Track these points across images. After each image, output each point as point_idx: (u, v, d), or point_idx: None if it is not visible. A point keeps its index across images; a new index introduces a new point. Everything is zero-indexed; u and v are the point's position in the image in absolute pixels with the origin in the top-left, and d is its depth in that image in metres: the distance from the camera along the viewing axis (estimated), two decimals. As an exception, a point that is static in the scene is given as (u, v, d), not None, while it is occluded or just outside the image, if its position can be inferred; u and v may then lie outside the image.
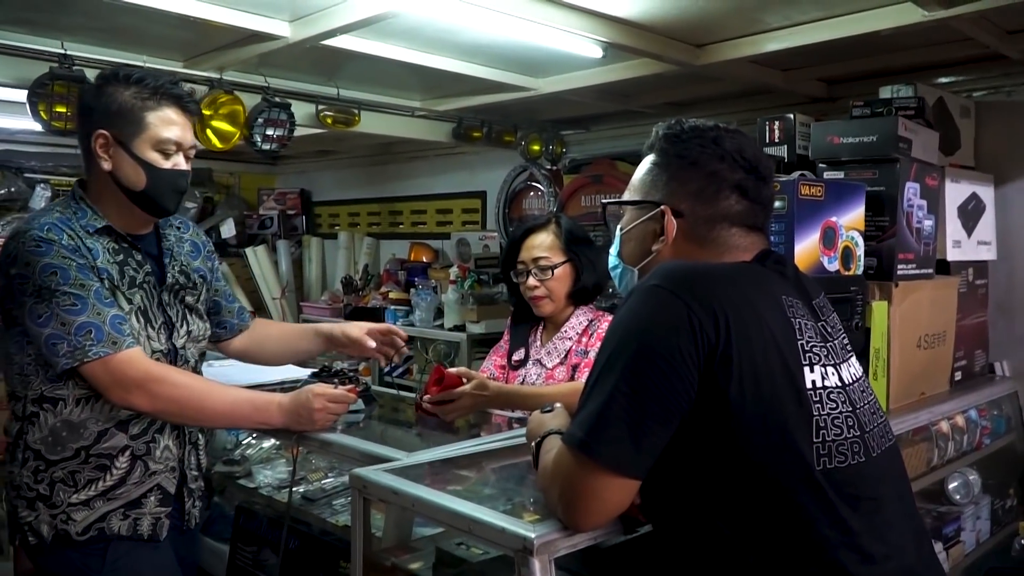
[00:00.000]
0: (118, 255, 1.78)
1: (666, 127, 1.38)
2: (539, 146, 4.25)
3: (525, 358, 2.41)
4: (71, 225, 1.72)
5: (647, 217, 1.35)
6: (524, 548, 1.19)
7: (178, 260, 1.93)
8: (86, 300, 1.65)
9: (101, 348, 1.63)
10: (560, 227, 2.39)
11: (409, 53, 2.86)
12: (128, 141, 1.73)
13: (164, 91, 1.75)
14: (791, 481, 1.12)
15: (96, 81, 1.80)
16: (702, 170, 1.31)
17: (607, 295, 4.00)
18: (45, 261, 1.64)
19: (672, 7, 2.36)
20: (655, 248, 1.34)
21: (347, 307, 5.11)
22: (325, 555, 1.96)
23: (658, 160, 1.36)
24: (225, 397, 1.79)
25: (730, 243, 1.31)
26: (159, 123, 1.74)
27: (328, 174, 5.96)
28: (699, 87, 3.32)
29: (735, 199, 1.30)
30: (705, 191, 1.30)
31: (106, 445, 1.74)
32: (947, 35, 2.50)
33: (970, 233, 2.59)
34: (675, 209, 1.31)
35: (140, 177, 1.74)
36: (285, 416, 1.82)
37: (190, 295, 1.94)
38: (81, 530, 1.73)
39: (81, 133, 1.78)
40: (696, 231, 1.31)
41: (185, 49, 2.93)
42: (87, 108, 1.78)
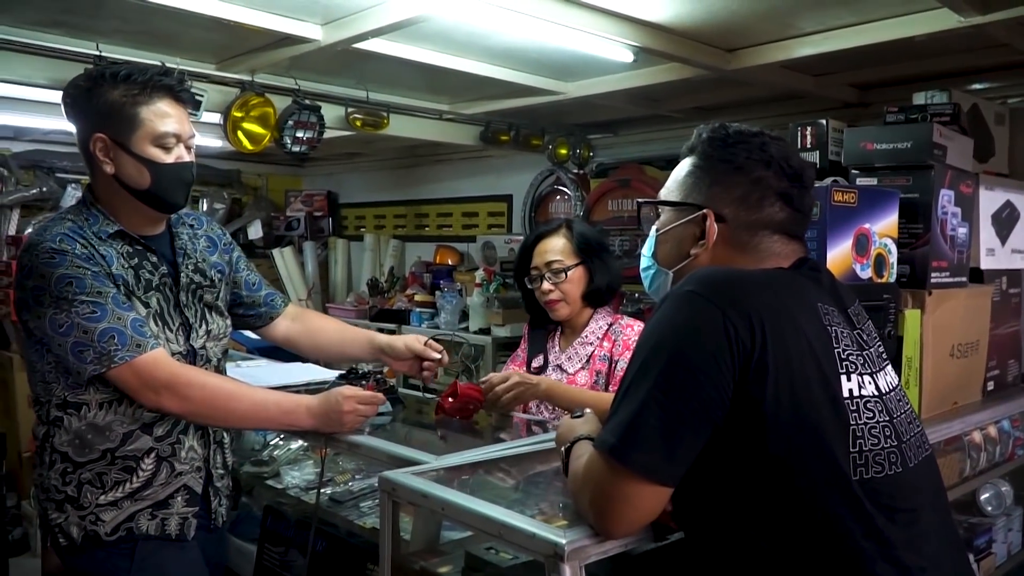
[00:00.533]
0: (132, 259, 1.76)
1: (710, 130, 1.36)
2: (566, 150, 4.25)
3: (544, 364, 2.41)
4: (83, 233, 1.70)
5: (687, 220, 1.33)
6: (555, 554, 1.19)
7: (193, 258, 1.90)
8: (105, 307, 1.64)
9: (127, 352, 1.63)
10: (572, 231, 2.39)
11: (439, 56, 2.87)
12: (126, 141, 1.68)
13: (154, 84, 1.69)
14: (827, 491, 1.11)
15: (84, 83, 1.73)
16: (747, 176, 1.29)
17: (633, 299, 4.00)
18: (60, 272, 1.63)
19: (703, 11, 2.36)
20: (693, 252, 1.32)
21: (372, 309, 5.13)
22: (352, 557, 1.97)
23: (700, 163, 1.34)
24: (253, 399, 1.79)
25: (771, 250, 1.30)
26: (154, 117, 1.68)
27: (355, 176, 6.00)
28: (729, 92, 3.31)
29: (779, 207, 1.29)
30: (749, 197, 1.29)
31: (131, 447, 1.74)
32: (982, 41, 2.47)
33: (1004, 241, 2.55)
34: (718, 213, 1.29)
35: (144, 176, 1.70)
36: (314, 419, 1.81)
37: (208, 293, 1.92)
38: (110, 530, 1.74)
39: (79, 139, 1.74)
40: (737, 237, 1.30)
41: (218, 52, 2.97)
42: (80, 113, 1.73)
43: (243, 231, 5.76)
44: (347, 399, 1.80)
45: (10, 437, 3.93)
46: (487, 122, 4.03)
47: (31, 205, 4.79)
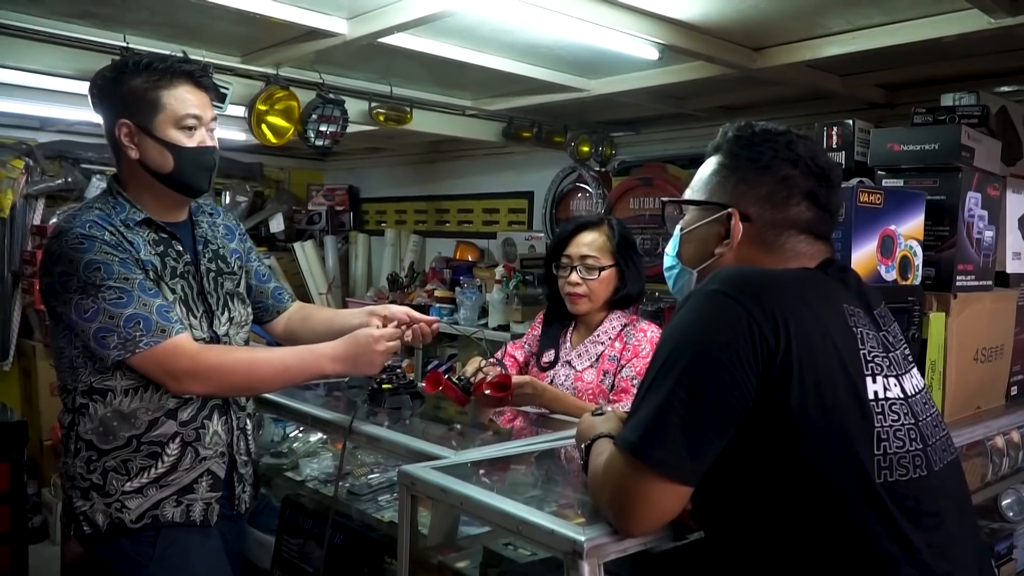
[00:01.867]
0: (159, 246, 1.80)
1: (736, 128, 1.36)
2: (589, 147, 4.24)
3: (555, 360, 2.41)
4: (111, 221, 1.74)
5: (712, 219, 1.33)
6: (574, 551, 1.19)
7: (213, 244, 1.94)
8: (131, 293, 1.67)
9: (151, 338, 1.66)
10: (612, 229, 2.38)
11: (463, 52, 2.87)
12: (149, 125, 1.73)
13: (175, 69, 1.75)
14: (851, 493, 1.10)
15: (108, 73, 1.79)
16: (774, 175, 1.29)
17: (653, 298, 3.98)
18: (88, 258, 1.66)
19: (730, 9, 2.34)
20: (718, 251, 1.32)
21: (392, 303, 5.14)
22: (370, 551, 1.98)
23: (726, 162, 1.34)
24: (272, 363, 1.81)
25: (796, 250, 1.29)
26: (175, 101, 1.74)
27: (376, 171, 6.02)
28: (754, 91, 3.28)
29: (805, 206, 1.28)
30: (775, 196, 1.28)
31: (156, 433, 1.77)
32: (1012, 43, 2.44)
33: (1032, 245, 2.52)
34: (743, 213, 1.29)
35: (167, 159, 1.75)
36: (339, 363, 1.82)
37: (229, 280, 1.95)
38: (135, 518, 1.76)
39: (105, 129, 1.80)
40: (763, 236, 1.29)
41: (243, 45, 2.98)
42: (105, 102, 1.79)
43: (265, 224, 5.79)
44: (377, 340, 1.83)
45: (32, 425, 3.98)
46: (509, 118, 4.03)
47: (56, 195, 4.83)
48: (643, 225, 4.06)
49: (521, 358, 2.49)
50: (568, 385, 2.32)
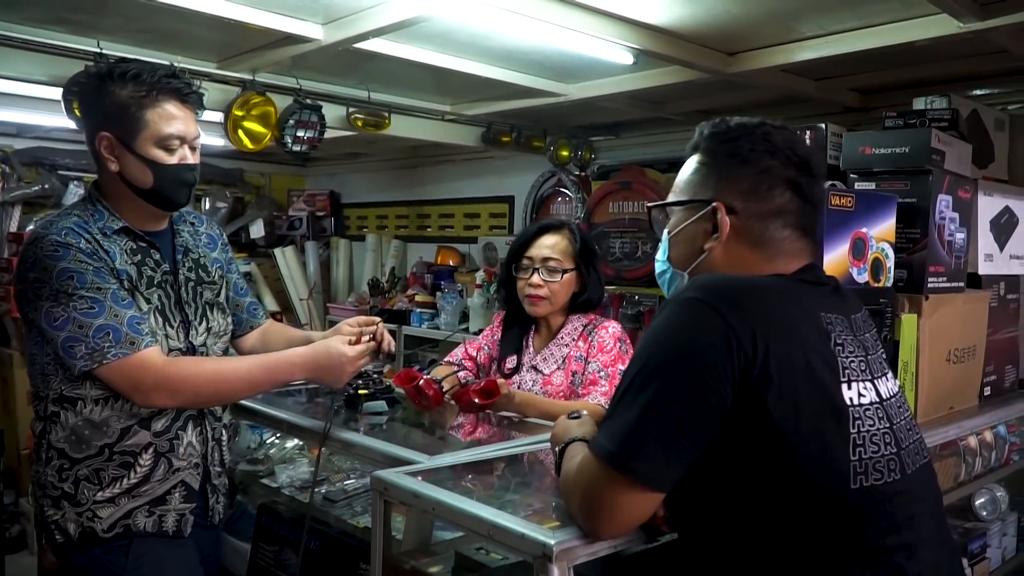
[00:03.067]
0: (136, 255, 1.78)
1: (711, 125, 1.35)
2: (568, 152, 4.25)
3: (518, 366, 2.41)
4: (88, 228, 1.72)
5: (697, 217, 1.31)
6: (544, 555, 1.19)
7: (194, 254, 1.92)
8: (103, 303, 1.65)
9: (120, 349, 1.64)
10: (574, 234, 2.40)
11: (440, 57, 2.87)
12: (130, 141, 1.70)
13: (161, 86, 1.71)
14: (828, 499, 1.11)
15: (92, 79, 1.76)
16: (754, 167, 1.28)
17: (633, 302, 3.99)
18: (62, 265, 1.64)
19: (704, 14, 2.36)
20: (707, 247, 1.30)
21: (373, 309, 5.14)
22: (345, 556, 1.97)
23: (705, 159, 1.34)
24: (238, 369, 1.80)
25: (782, 247, 1.28)
26: (159, 120, 1.70)
27: (357, 176, 6.01)
28: (731, 95, 3.30)
29: (789, 196, 1.28)
30: (758, 188, 1.27)
31: (129, 442, 1.75)
32: (983, 47, 2.47)
33: (1002, 247, 2.54)
34: (728, 206, 1.28)
35: (147, 175, 1.73)
36: (307, 372, 1.82)
37: (209, 290, 1.93)
38: (107, 527, 1.74)
39: (86, 135, 1.77)
40: (749, 229, 1.28)
41: (219, 50, 2.97)
42: (88, 109, 1.77)
43: (245, 230, 5.77)
44: (350, 359, 1.82)
45: (9, 434, 3.95)
46: (489, 123, 4.04)
47: (33, 202, 4.79)
48: (622, 229, 4.08)
49: (481, 359, 2.49)
50: (537, 390, 2.32)
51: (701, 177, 1.33)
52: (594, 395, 2.23)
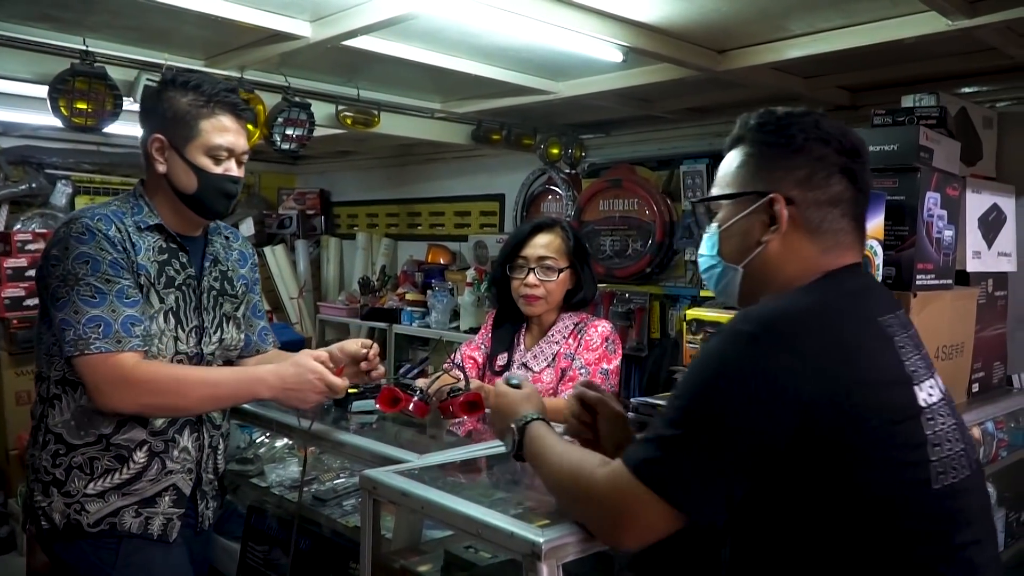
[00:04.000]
0: (163, 254, 1.82)
1: (757, 116, 1.33)
2: (558, 150, 4.25)
3: (509, 363, 2.41)
4: (123, 219, 1.77)
5: (752, 209, 1.29)
6: (533, 553, 1.19)
7: (222, 265, 1.96)
8: (106, 295, 1.67)
9: (103, 343, 1.65)
10: (567, 232, 2.40)
11: (429, 55, 2.87)
12: (181, 146, 1.78)
13: (219, 99, 1.80)
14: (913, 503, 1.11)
15: (157, 86, 1.85)
16: (808, 155, 1.26)
17: (623, 300, 4.00)
18: (82, 249, 1.68)
19: (693, 12, 2.36)
20: (765, 239, 1.27)
21: (364, 307, 5.13)
22: (335, 556, 1.97)
23: (754, 150, 1.31)
24: (205, 379, 1.78)
25: (839, 238, 1.27)
26: (212, 130, 1.78)
27: (347, 175, 5.99)
28: (721, 93, 3.30)
29: (844, 184, 1.27)
30: (814, 176, 1.25)
31: (125, 436, 1.76)
32: (971, 45, 2.48)
33: (990, 244, 2.56)
34: (785, 196, 1.26)
35: (191, 181, 1.80)
36: (274, 392, 1.79)
37: (230, 303, 1.97)
38: (93, 522, 1.74)
39: (141, 137, 1.85)
40: (808, 218, 1.26)
41: (207, 48, 2.96)
42: (147, 112, 1.85)
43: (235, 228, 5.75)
44: (321, 384, 1.78)
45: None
46: (479, 121, 4.03)
47: (20, 201, 4.77)
48: (613, 227, 4.08)
49: (480, 359, 2.49)
50: None
51: (751, 169, 1.30)
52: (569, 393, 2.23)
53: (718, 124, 3.76)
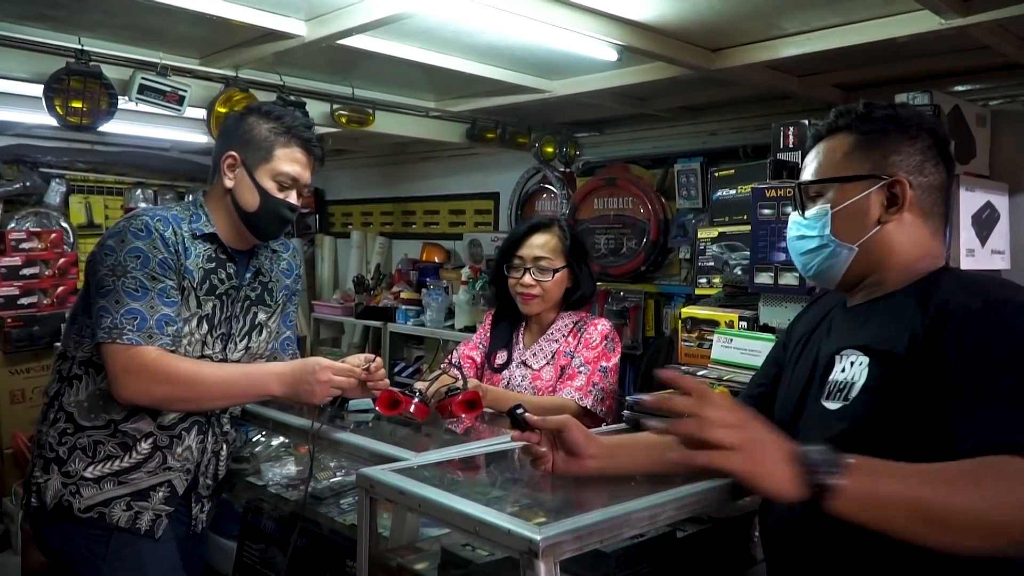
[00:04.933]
0: (211, 262, 1.90)
1: (863, 107, 1.40)
2: (553, 148, 4.25)
3: (508, 360, 2.42)
4: (181, 224, 1.86)
5: (870, 191, 1.34)
6: (530, 550, 1.18)
7: (264, 277, 2.03)
8: (149, 291, 1.75)
9: (135, 335, 1.72)
10: (564, 231, 2.41)
11: (424, 54, 2.87)
12: (253, 167, 1.88)
13: (296, 132, 1.91)
14: None
15: (243, 111, 1.98)
16: (921, 143, 1.35)
17: (618, 298, 4.01)
18: (136, 244, 1.77)
19: (687, 11, 2.36)
20: (884, 220, 1.34)
21: (359, 306, 5.13)
22: (332, 554, 1.97)
23: (866, 136, 1.37)
24: (218, 373, 1.85)
25: (939, 223, 1.37)
26: (284, 158, 1.89)
27: (342, 173, 5.99)
28: (715, 91, 3.31)
29: (944, 173, 1.36)
30: (926, 163, 1.34)
31: (133, 425, 1.81)
32: (964, 43, 2.49)
33: (984, 242, 2.57)
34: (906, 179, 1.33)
35: (254, 200, 1.89)
36: (284, 388, 1.85)
37: (264, 312, 2.02)
38: (84, 507, 1.78)
39: (216, 151, 1.95)
40: (921, 202, 1.35)
41: (202, 47, 2.96)
42: (227, 130, 1.96)
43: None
44: (323, 369, 1.84)
45: (-8, 434, 3.92)
46: (473, 119, 4.03)
47: (14, 200, 4.76)
48: (608, 225, 4.09)
49: (478, 359, 2.50)
50: (526, 385, 2.33)
51: (864, 152, 1.37)
52: (568, 391, 2.25)
53: (712, 123, 3.77)
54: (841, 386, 1.31)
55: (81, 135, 4.55)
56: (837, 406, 1.31)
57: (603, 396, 2.28)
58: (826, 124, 1.43)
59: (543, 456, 1.47)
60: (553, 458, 1.47)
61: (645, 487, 1.47)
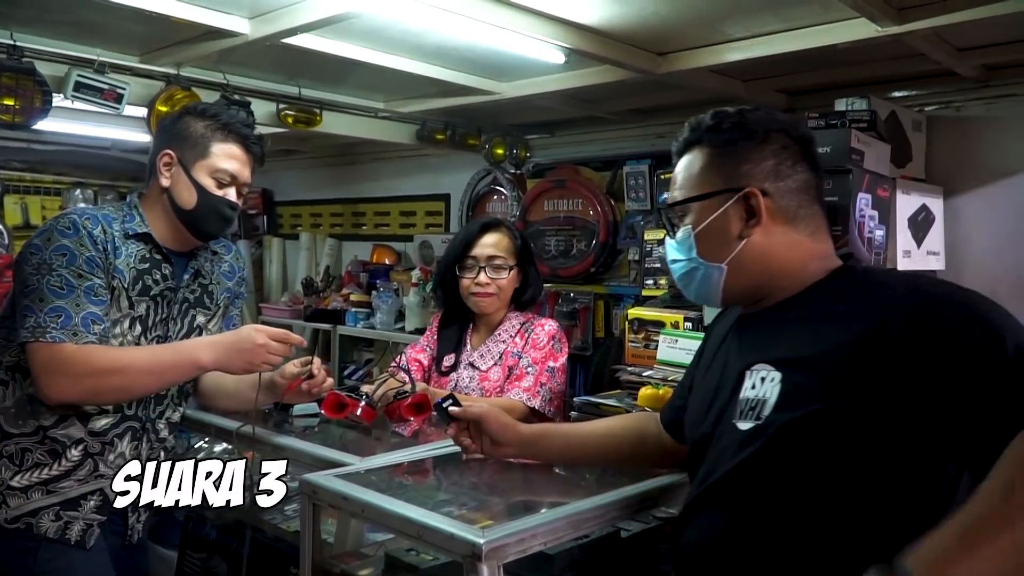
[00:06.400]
0: (144, 263, 1.84)
1: (712, 117, 1.35)
2: (503, 150, 4.25)
3: (456, 363, 2.42)
4: (111, 223, 1.81)
5: (726, 207, 1.30)
6: (473, 554, 1.19)
7: (204, 279, 1.98)
8: (75, 289, 1.70)
9: (59, 333, 1.67)
10: (513, 232, 2.44)
11: (372, 54, 2.84)
12: (189, 164, 1.85)
13: (233, 128, 1.89)
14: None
15: (179, 111, 1.96)
16: (772, 145, 1.30)
17: (568, 299, 4.02)
18: (62, 242, 1.72)
19: (634, 14, 2.38)
20: (746, 234, 1.29)
21: (307, 309, 5.06)
22: (276, 561, 1.94)
23: (718, 149, 1.33)
24: (142, 354, 1.80)
25: (815, 221, 1.32)
26: (221, 154, 1.87)
27: (291, 174, 5.91)
28: (663, 95, 3.34)
29: (808, 170, 1.31)
30: (781, 166, 1.29)
31: (63, 431, 1.75)
32: (901, 50, 2.55)
33: (920, 243, 2.64)
34: (760, 189, 1.28)
35: (192, 198, 1.85)
36: (215, 356, 1.79)
37: (203, 315, 1.98)
38: (10, 518, 1.73)
39: (152, 150, 1.92)
40: (785, 208, 1.29)
41: (142, 44, 2.89)
42: (163, 129, 1.93)
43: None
44: (259, 332, 1.81)
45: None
46: (423, 121, 4.01)
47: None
48: (558, 227, 4.10)
49: (426, 362, 2.49)
50: (474, 387, 2.33)
51: (717, 166, 1.32)
52: (516, 391, 2.25)
53: (660, 125, 3.81)
54: (752, 404, 1.24)
55: (16, 133, 4.42)
56: (749, 426, 1.23)
57: (551, 396, 2.28)
58: (682, 140, 1.39)
59: (467, 446, 1.59)
60: (480, 445, 1.59)
61: (593, 488, 1.48)
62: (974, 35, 2.47)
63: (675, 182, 1.39)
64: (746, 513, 1.21)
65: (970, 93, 2.93)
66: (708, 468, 1.29)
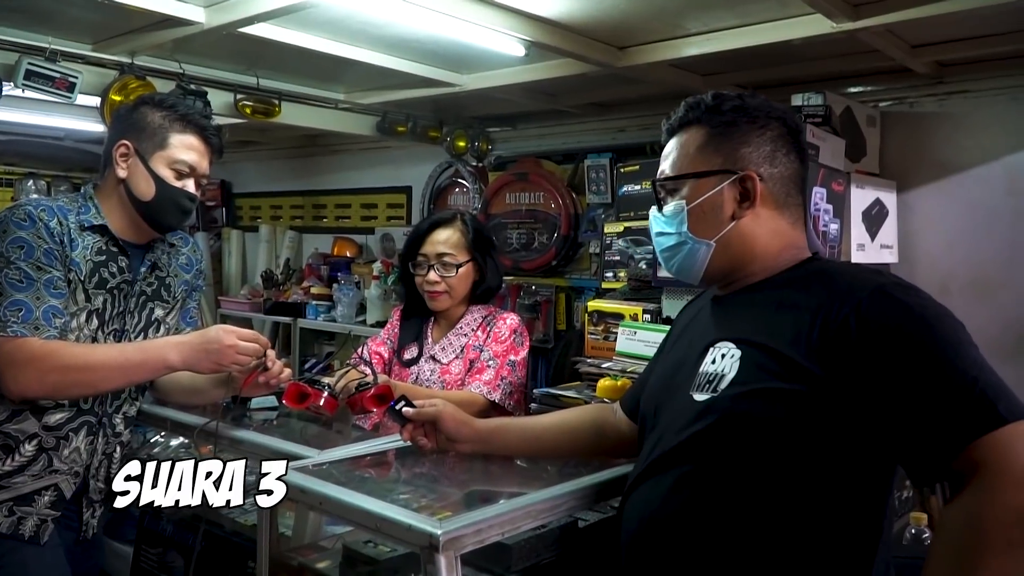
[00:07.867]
0: (100, 255, 1.82)
1: (713, 99, 1.38)
2: (465, 142, 4.24)
3: (418, 355, 2.41)
4: (67, 215, 1.78)
5: (723, 185, 1.33)
6: (431, 544, 1.19)
7: (161, 272, 1.96)
8: (34, 282, 1.68)
9: (20, 327, 1.65)
10: (467, 225, 2.40)
11: (331, 44, 2.82)
12: (147, 155, 1.83)
13: (191, 119, 1.87)
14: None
15: (135, 101, 1.94)
16: (771, 132, 1.34)
17: (530, 292, 4.03)
18: (19, 234, 1.69)
19: (593, 8, 2.39)
20: (738, 215, 1.33)
21: (267, 302, 5.01)
22: (233, 555, 1.92)
23: (717, 129, 1.36)
24: (111, 352, 1.77)
25: (798, 212, 1.37)
26: (179, 145, 1.85)
27: (250, 165, 5.83)
28: (623, 89, 3.36)
29: (797, 160, 1.36)
30: (777, 153, 1.34)
31: (16, 426, 1.72)
32: (855, 47, 2.59)
33: (873, 237, 2.69)
34: (757, 173, 1.32)
35: (150, 189, 1.83)
36: (183, 356, 1.77)
37: (161, 308, 1.95)
38: None
39: (108, 140, 1.89)
40: (776, 193, 1.34)
41: (95, 31, 2.83)
42: (119, 119, 1.91)
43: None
44: (228, 332, 1.79)
45: None
46: (384, 112, 3.98)
47: None
48: (520, 220, 4.11)
49: (386, 355, 2.48)
50: (435, 380, 2.33)
51: (716, 146, 1.35)
52: (477, 384, 2.25)
53: (621, 119, 3.83)
54: (711, 377, 1.28)
55: (-35, 123, 4.30)
56: (705, 397, 1.27)
57: (511, 390, 2.29)
58: (677, 118, 1.42)
59: (424, 446, 1.60)
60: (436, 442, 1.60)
61: (551, 478, 1.49)
62: (928, 32, 2.51)
63: (668, 158, 1.42)
64: (695, 486, 1.24)
65: (923, 89, 2.98)
66: (657, 436, 1.33)
